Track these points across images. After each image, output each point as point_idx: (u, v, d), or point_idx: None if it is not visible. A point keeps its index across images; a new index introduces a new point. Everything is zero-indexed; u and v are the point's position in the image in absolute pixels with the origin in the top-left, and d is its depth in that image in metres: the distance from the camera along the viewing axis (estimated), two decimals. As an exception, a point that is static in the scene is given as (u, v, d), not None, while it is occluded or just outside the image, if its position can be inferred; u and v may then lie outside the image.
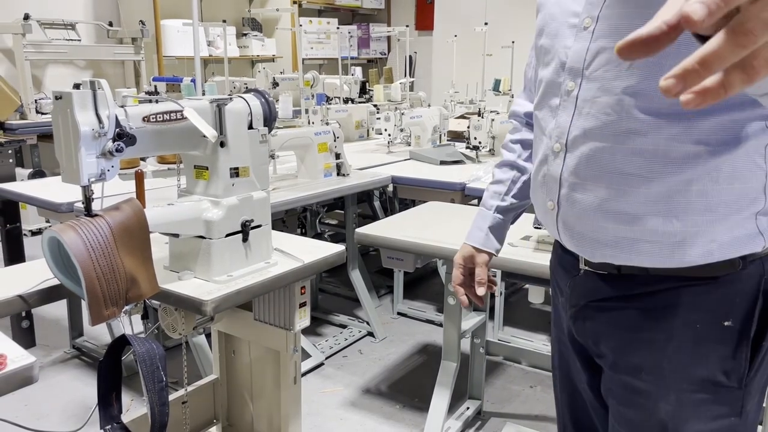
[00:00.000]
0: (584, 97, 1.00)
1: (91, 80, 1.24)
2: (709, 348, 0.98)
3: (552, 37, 1.06)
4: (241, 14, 6.89)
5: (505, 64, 4.93)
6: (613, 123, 0.97)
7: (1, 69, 4.90)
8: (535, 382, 2.77)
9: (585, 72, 1.00)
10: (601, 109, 0.98)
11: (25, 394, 2.52)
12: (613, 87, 0.97)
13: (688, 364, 0.99)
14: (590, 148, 1.00)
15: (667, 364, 1.00)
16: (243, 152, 1.54)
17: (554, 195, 1.07)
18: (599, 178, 1.00)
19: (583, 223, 1.03)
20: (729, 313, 0.97)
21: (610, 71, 0.97)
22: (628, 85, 0.95)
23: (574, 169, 1.03)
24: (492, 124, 3.30)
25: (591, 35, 0.99)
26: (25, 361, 1.09)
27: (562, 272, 1.15)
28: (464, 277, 1.30)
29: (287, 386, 1.82)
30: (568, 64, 1.02)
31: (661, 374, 1.01)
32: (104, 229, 1.26)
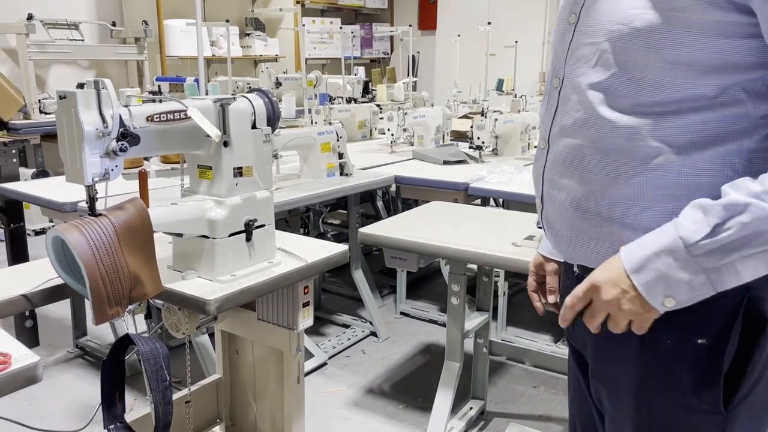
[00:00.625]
0: (563, 94, 1.01)
1: (95, 80, 1.24)
2: (679, 366, 0.94)
3: (554, 37, 1.08)
4: (244, 14, 6.89)
5: (509, 64, 4.93)
6: (582, 120, 0.97)
7: (5, 69, 4.91)
8: (539, 382, 2.76)
9: (565, 69, 1.01)
10: (573, 106, 0.99)
11: (29, 393, 2.52)
12: (581, 84, 0.97)
13: (661, 380, 0.96)
14: (564, 146, 1.01)
15: (639, 379, 0.98)
16: (246, 152, 1.54)
17: (539, 192, 1.08)
18: (571, 175, 1.00)
19: (560, 222, 1.04)
20: (702, 330, 0.92)
21: (580, 68, 0.98)
22: (593, 82, 0.95)
23: (552, 166, 1.04)
24: (495, 123, 3.30)
25: (573, 31, 1.00)
26: (29, 361, 1.09)
27: (563, 273, 1.16)
28: (537, 284, 1.29)
29: (290, 386, 1.82)
30: (554, 61, 1.04)
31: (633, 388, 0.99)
32: (108, 229, 1.26)
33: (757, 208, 0.81)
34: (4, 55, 5.03)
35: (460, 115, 4.76)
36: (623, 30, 0.91)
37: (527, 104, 3.71)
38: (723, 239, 0.83)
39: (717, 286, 0.85)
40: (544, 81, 6.70)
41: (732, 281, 0.85)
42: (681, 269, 0.85)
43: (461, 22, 6.99)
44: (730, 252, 0.83)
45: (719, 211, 0.84)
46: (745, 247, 0.83)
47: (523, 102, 3.69)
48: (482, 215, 2.36)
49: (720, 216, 0.83)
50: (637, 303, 0.88)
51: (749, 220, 0.82)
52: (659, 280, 0.87)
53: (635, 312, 0.89)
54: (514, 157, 3.43)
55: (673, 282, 0.86)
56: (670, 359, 0.94)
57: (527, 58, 6.02)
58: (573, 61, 0.99)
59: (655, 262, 0.87)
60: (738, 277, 0.84)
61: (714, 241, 0.83)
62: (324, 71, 6.23)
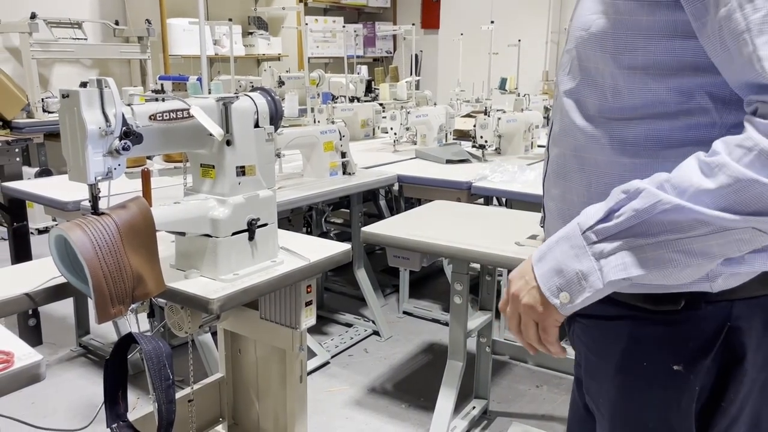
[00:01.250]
0: (555, 102, 1.01)
1: (98, 78, 1.24)
2: (655, 390, 0.90)
3: None
4: (247, 13, 6.89)
5: (512, 63, 4.92)
6: (562, 129, 0.97)
7: (8, 68, 4.91)
8: (542, 381, 2.76)
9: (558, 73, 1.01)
10: (556, 114, 1.00)
11: (32, 392, 2.53)
12: (560, 92, 0.97)
13: (635, 402, 0.93)
14: (554, 154, 1.01)
15: (614, 394, 0.95)
16: (249, 151, 1.54)
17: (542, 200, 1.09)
18: (557, 185, 0.99)
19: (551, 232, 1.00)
20: (679, 356, 0.88)
21: (560, 76, 0.98)
22: (566, 90, 0.95)
23: (547, 175, 1.04)
24: (498, 122, 3.29)
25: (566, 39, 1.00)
26: (31, 359, 1.10)
27: None
28: None
29: (293, 385, 1.82)
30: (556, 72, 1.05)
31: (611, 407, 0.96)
32: (111, 228, 1.26)
33: (651, 195, 0.76)
34: (7, 53, 5.04)
35: (463, 114, 4.75)
36: (584, 36, 0.90)
37: (530, 103, 3.70)
38: (613, 225, 0.78)
39: (605, 278, 0.79)
40: (547, 80, 6.71)
41: (619, 273, 0.78)
42: (574, 257, 0.81)
43: (464, 20, 6.98)
44: (619, 239, 0.78)
45: (617, 195, 0.80)
46: (634, 236, 0.77)
47: (526, 101, 3.68)
48: (485, 214, 2.36)
49: (616, 200, 0.79)
50: (536, 296, 0.85)
51: (641, 207, 0.76)
52: (555, 269, 0.83)
53: (534, 308, 0.85)
54: (517, 156, 3.42)
55: (566, 271, 0.81)
56: (645, 382, 0.91)
57: (530, 57, 6.01)
58: (558, 69, 1.00)
59: (554, 250, 0.84)
60: (626, 271, 0.77)
61: (605, 227, 0.79)
62: (327, 70, 6.24)
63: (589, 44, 0.89)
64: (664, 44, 0.83)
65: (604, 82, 0.89)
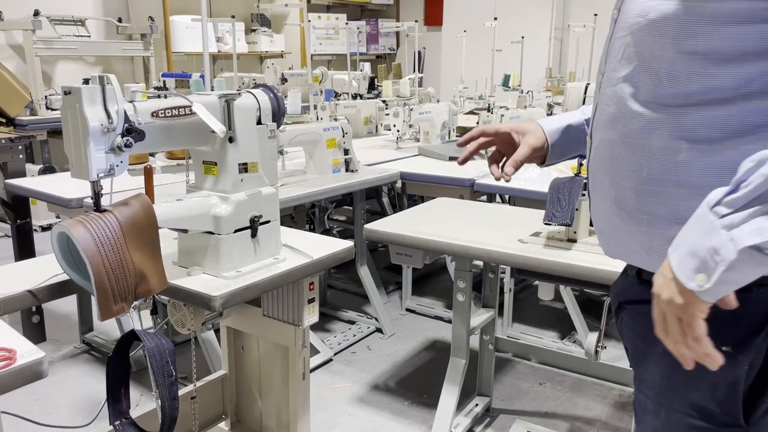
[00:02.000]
0: (602, 90, 1.02)
1: (100, 75, 1.24)
2: (703, 372, 0.88)
3: None
4: (249, 10, 6.89)
5: (515, 60, 4.91)
6: (612, 115, 0.98)
7: (12, 65, 4.92)
8: (545, 379, 2.75)
9: (603, 68, 1.02)
10: (605, 101, 1.00)
11: (35, 388, 2.53)
12: (611, 78, 0.98)
13: (681, 384, 0.94)
14: (600, 140, 1.02)
15: (662, 379, 0.96)
16: (251, 148, 1.54)
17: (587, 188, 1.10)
18: (605, 171, 1.00)
19: (599, 217, 1.04)
20: (728, 338, 0.88)
21: (612, 62, 0.99)
22: (619, 76, 0.96)
23: (593, 161, 1.05)
24: (501, 119, 3.28)
25: (613, 27, 1.01)
26: (34, 356, 1.10)
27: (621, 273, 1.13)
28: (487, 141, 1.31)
29: (296, 382, 1.82)
30: (601, 58, 1.05)
31: (656, 389, 0.98)
32: (113, 225, 1.26)
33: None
34: (10, 51, 5.05)
35: (466, 111, 4.74)
36: (641, 22, 0.91)
37: (534, 100, 3.69)
38: (742, 195, 0.76)
39: (737, 245, 0.76)
40: (551, 77, 6.69)
41: (754, 239, 0.75)
42: (705, 235, 0.78)
43: (467, 17, 6.96)
44: (750, 206, 0.76)
45: (745, 166, 0.78)
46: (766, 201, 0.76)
47: (530, 98, 3.67)
48: (488, 211, 2.35)
49: (743, 171, 0.78)
50: (673, 287, 0.81)
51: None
52: (688, 252, 0.80)
53: (673, 301, 0.81)
54: (521, 153, 3.41)
55: (699, 251, 0.79)
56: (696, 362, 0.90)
57: (534, 54, 6.00)
58: (609, 57, 1.00)
59: (686, 235, 0.81)
60: (761, 235, 0.75)
61: (734, 197, 0.77)
62: (330, 67, 6.23)
63: (646, 30, 0.90)
64: (727, 30, 0.84)
65: (660, 68, 0.90)
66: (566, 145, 1.29)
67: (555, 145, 1.28)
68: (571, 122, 1.29)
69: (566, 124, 1.28)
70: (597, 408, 2.54)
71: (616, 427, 2.42)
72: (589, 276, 1.67)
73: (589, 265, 1.67)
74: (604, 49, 1.03)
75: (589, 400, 2.60)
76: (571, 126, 1.28)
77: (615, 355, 2.88)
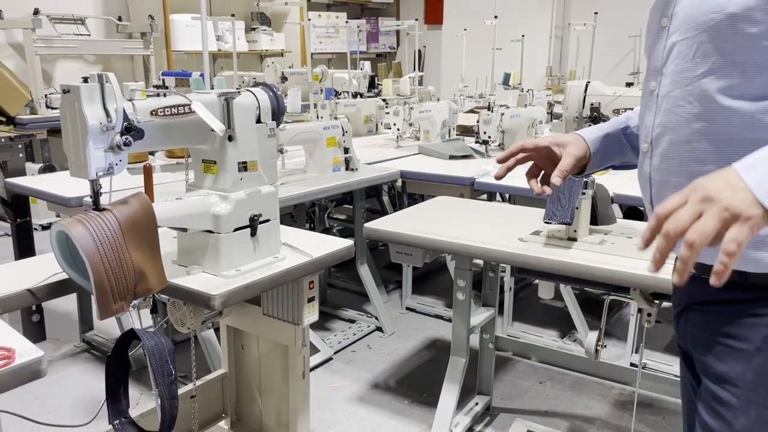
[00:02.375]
0: (662, 93, 1.02)
1: (99, 74, 1.24)
2: None
3: (647, 44, 1.09)
4: (249, 8, 6.88)
5: (515, 58, 4.91)
6: (686, 114, 0.98)
7: (12, 64, 4.92)
8: (545, 377, 2.75)
9: (663, 69, 1.03)
10: (675, 102, 1.00)
11: (35, 387, 2.53)
12: (684, 78, 0.98)
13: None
14: (668, 143, 1.02)
15: (753, 376, 0.96)
16: (251, 146, 1.53)
17: (648, 195, 1.08)
18: (680, 172, 0.99)
19: None
20: None
21: (680, 64, 0.99)
22: (695, 75, 0.96)
23: (659, 167, 1.04)
24: (501, 118, 3.28)
25: (667, 33, 1.02)
26: (33, 356, 1.09)
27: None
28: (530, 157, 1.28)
29: (296, 381, 1.82)
30: (652, 64, 1.06)
31: (745, 386, 0.97)
32: (112, 224, 1.26)
33: None
34: (10, 49, 5.04)
35: (466, 109, 4.74)
36: (717, 18, 0.92)
37: (534, 98, 3.69)
38: None
39: None
40: (551, 75, 6.68)
41: None
42: None
43: (468, 16, 6.95)
44: None
45: None
46: None
47: (530, 96, 3.67)
48: (488, 210, 2.35)
49: None
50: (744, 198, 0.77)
51: None
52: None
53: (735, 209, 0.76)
54: (521, 152, 3.40)
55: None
56: None
57: (534, 53, 5.99)
58: (672, 61, 1.01)
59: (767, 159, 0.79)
60: None
61: None
62: (330, 66, 6.23)
63: (725, 24, 0.91)
64: None
65: (744, 60, 0.91)
66: (606, 153, 1.30)
67: (596, 154, 1.28)
68: (608, 131, 1.29)
69: (604, 132, 1.29)
70: (597, 407, 2.54)
71: (616, 425, 2.42)
72: (589, 275, 1.67)
73: (589, 263, 1.67)
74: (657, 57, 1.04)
75: (589, 398, 2.59)
76: (609, 135, 1.29)
77: (615, 354, 2.88)
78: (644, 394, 2.54)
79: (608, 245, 1.78)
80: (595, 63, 5.27)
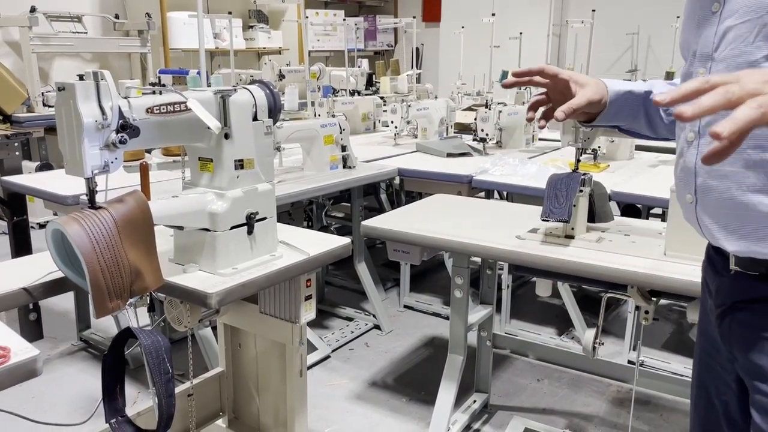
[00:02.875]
0: None
1: (94, 71, 1.23)
2: None
3: (687, 32, 1.05)
4: (247, 6, 6.87)
5: (513, 56, 4.90)
6: None
7: (8, 62, 4.90)
8: (542, 375, 2.75)
9: (714, 55, 0.98)
10: None
11: (32, 386, 2.53)
12: (740, 63, 0.94)
13: None
14: None
15: None
16: (248, 144, 1.53)
17: (691, 187, 1.03)
18: (735, 160, 0.94)
19: (722, 213, 0.98)
20: None
21: (736, 48, 0.95)
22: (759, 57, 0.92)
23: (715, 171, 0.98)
24: (499, 116, 3.28)
25: (719, 18, 0.98)
26: (28, 354, 1.09)
27: (712, 273, 1.08)
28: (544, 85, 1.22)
29: (293, 379, 1.82)
30: (699, 51, 1.01)
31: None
32: (108, 222, 1.25)
33: None
34: (7, 47, 5.03)
35: (464, 107, 4.73)
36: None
37: (531, 96, 3.68)
38: None
39: None
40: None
41: None
42: None
43: (465, 13, 6.95)
44: None
45: None
46: None
47: (528, 94, 3.67)
48: (486, 208, 2.35)
49: None
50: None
51: None
52: None
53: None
54: (519, 150, 3.41)
55: None
56: None
57: (532, 50, 5.98)
58: (727, 45, 0.96)
59: None
60: None
61: None
62: (327, 63, 6.22)
63: None
64: None
65: None
66: (620, 110, 1.23)
67: (612, 104, 1.22)
68: (632, 89, 1.23)
69: (628, 89, 1.23)
70: (595, 404, 2.54)
71: (613, 422, 2.42)
72: (587, 272, 1.67)
73: (586, 261, 1.67)
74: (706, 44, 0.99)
75: (587, 396, 2.60)
76: (632, 93, 1.23)
77: (612, 351, 2.88)
78: (642, 391, 2.54)
79: (606, 243, 1.78)
80: (592, 60, 5.27)
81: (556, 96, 1.23)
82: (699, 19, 1.01)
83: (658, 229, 1.88)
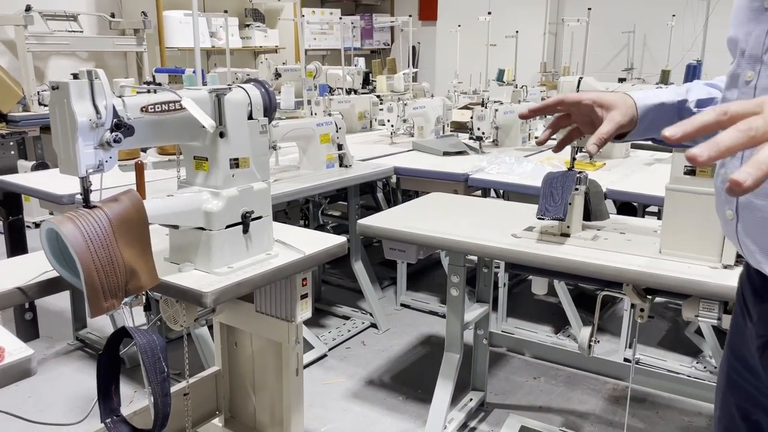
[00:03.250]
0: (763, 85, 0.89)
1: (89, 70, 1.23)
2: None
3: (736, 27, 0.96)
4: (243, 5, 6.86)
5: (509, 54, 4.91)
6: None
7: (4, 61, 4.89)
8: (539, 373, 2.76)
9: (764, 57, 0.89)
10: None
11: (28, 386, 2.52)
12: None
13: None
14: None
15: None
16: (243, 143, 1.53)
17: (733, 202, 0.93)
18: None
19: (766, 235, 0.89)
20: None
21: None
22: None
23: None
24: (495, 114, 3.28)
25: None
26: (22, 354, 1.09)
27: (752, 294, 0.99)
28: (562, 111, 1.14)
29: (289, 378, 1.82)
30: (747, 51, 0.92)
31: None
32: (103, 221, 1.25)
33: None
34: (2, 47, 5.01)
35: (460, 105, 4.74)
36: None
37: (528, 95, 3.69)
38: None
39: None
40: (545, 71, 6.68)
41: None
42: None
43: (462, 12, 6.95)
44: None
45: None
46: None
47: (524, 92, 3.67)
48: (482, 206, 2.35)
49: None
50: None
51: None
52: None
53: None
54: (515, 148, 3.41)
55: None
56: None
57: (528, 49, 6.00)
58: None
59: None
60: None
61: None
62: (324, 62, 6.21)
63: None
64: None
65: None
66: (653, 123, 1.14)
67: (643, 121, 1.13)
68: (664, 100, 1.14)
69: (660, 101, 1.13)
70: (591, 402, 2.55)
71: (609, 420, 2.43)
72: (583, 270, 1.67)
73: (582, 259, 1.67)
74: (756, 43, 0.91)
75: (583, 393, 2.60)
76: (665, 105, 1.14)
77: (608, 349, 2.88)
78: (637, 389, 2.55)
79: (601, 241, 1.78)
80: (588, 59, 5.28)
81: (580, 118, 1.16)
82: (749, 14, 0.92)
83: (653, 227, 1.88)
